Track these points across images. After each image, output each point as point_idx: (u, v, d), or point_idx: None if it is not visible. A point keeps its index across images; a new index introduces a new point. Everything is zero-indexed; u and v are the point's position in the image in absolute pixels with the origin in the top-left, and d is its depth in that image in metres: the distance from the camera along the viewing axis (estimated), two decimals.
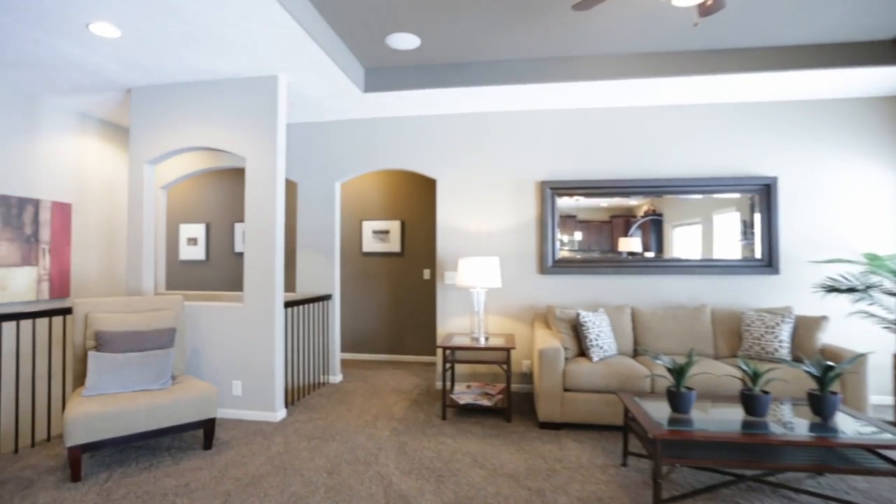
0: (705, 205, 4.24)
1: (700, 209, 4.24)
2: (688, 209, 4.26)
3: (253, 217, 3.62)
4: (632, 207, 4.33)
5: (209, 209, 6.29)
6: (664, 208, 4.29)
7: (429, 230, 5.78)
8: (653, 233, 4.31)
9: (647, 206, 4.32)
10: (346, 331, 5.94)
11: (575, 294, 4.36)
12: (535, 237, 4.44)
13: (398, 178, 5.87)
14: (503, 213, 4.48)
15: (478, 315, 3.94)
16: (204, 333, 3.68)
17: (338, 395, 4.27)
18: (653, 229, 4.31)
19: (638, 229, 4.32)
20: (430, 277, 5.76)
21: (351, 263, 5.95)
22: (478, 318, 3.93)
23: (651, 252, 4.29)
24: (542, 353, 3.40)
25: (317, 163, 4.79)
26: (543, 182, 4.38)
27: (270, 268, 3.58)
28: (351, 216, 5.97)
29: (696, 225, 4.25)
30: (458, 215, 4.54)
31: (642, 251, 4.29)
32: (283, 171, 3.67)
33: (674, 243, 4.27)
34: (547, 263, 4.37)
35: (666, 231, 4.28)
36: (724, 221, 4.22)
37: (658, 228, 4.30)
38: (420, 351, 5.77)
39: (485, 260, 3.85)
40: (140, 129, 3.84)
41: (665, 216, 4.29)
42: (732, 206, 4.21)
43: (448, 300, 4.52)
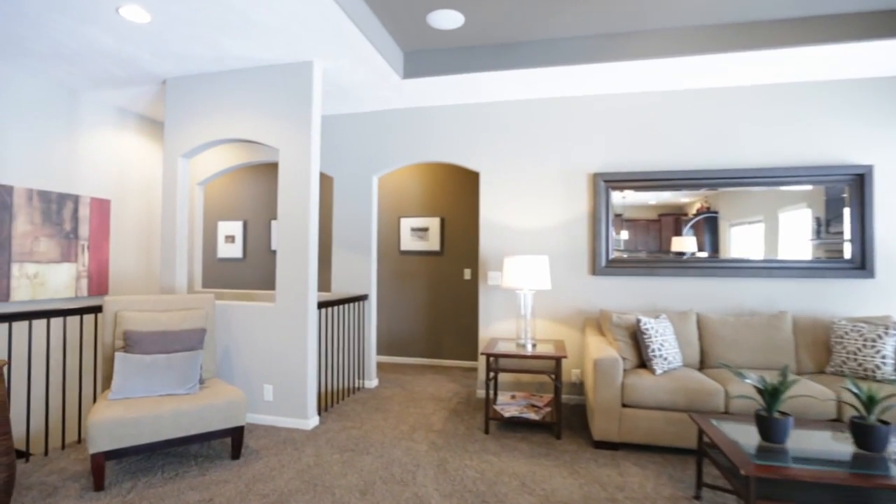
0: (769, 200, 3.75)
1: (763, 205, 3.76)
2: (748, 205, 3.78)
3: (286, 212, 3.43)
4: (682, 205, 3.90)
5: (246, 206, 6.22)
6: (720, 205, 3.83)
7: (470, 228, 5.49)
8: (707, 232, 3.86)
9: (701, 203, 3.88)
10: (382, 333, 5.73)
11: (630, 297, 3.96)
12: (586, 235, 4.06)
13: (438, 172, 5.60)
14: (551, 209, 4.13)
15: (524, 319, 3.61)
16: (236, 334, 3.52)
17: (373, 402, 4.03)
18: (707, 228, 3.86)
19: (690, 229, 3.88)
20: (471, 277, 5.47)
21: (388, 262, 5.73)
22: (524, 323, 3.60)
23: (704, 252, 3.83)
24: (597, 363, 3.04)
25: (353, 156, 4.59)
26: (596, 174, 4.00)
27: (303, 266, 3.37)
28: (388, 213, 5.75)
29: (758, 223, 3.77)
30: (503, 211, 4.22)
31: (697, 252, 3.84)
32: (317, 163, 3.47)
33: (731, 243, 3.81)
34: (599, 263, 3.98)
35: (722, 230, 3.83)
36: (793, 218, 3.71)
37: (713, 227, 3.85)
38: (460, 355, 5.48)
39: (533, 259, 3.52)
40: (174, 122, 3.72)
41: (721, 214, 3.83)
42: (802, 201, 3.70)
43: (491, 302, 4.21)
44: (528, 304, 3.61)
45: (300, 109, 3.41)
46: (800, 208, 3.74)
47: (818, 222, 3.78)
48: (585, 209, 4.07)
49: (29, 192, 3.72)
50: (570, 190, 4.10)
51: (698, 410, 2.93)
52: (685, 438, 2.93)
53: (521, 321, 3.65)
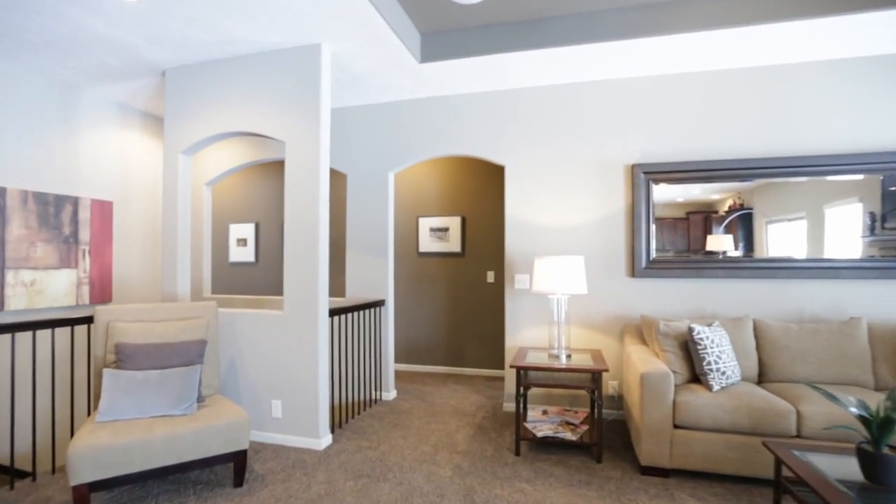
0: (813, 194, 3.33)
1: (805, 199, 3.35)
2: (789, 200, 3.38)
3: (293, 211, 3.13)
4: (713, 202, 3.51)
5: (258, 207, 5.97)
6: (755, 201, 3.44)
7: (493, 227, 5.13)
8: (741, 230, 3.46)
9: (734, 199, 3.47)
10: (400, 340, 5.41)
11: (674, 302, 3.56)
12: (623, 233, 3.67)
13: (458, 167, 5.26)
14: (585, 205, 3.75)
15: (557, 327, 3.24)
16: (242, 345, 3.23)
17: (391, 417, 3.71)
18: (740, 226, 3.46)
19: (723, 227, 3.47)
20: (494, 280, 5.11)
21: (406, 265, 5.41)
22: (558, 331, 3.23)
23: (737, 252, 3.42)
24: (645, 378, 2.66)
25: (367, 151, 4.27)
26: (635, 165, 3.61)
27: (313, 270, 3.06)
28: (405, 212, 5.43)
29: (799, 220, 3.36)
30: (531, 208, 3.85)
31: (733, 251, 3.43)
32: (326, 157, 3.16)
33: (769, 242, 3.41)
34: (639, 264, 3.59)
35: (758, 228, 3.43)
36: (843, 213, 3.29)
37: (747, 225, 3.45)
38: (482, 364, 5.13)
39: (567, 260, 3.15)
40: (174, 115, 3.46)
41: (758, 210, 3.43)
42: (853, 194, 3.28)
43: (519, 308, 3.85)
44: (563, 311, 3.24)
45: (308, 98, 3.10)
46: (850, 202, 3.31)
47: (872, 217, 3.35)
48: (622, 205, 3.68)
49: (24, 193, 3.49)
50: (606, 184, 3.72)
51: (765, 434, 2.53)
52: (751, 466, 2.53)
53: (554, 329, 3.28)
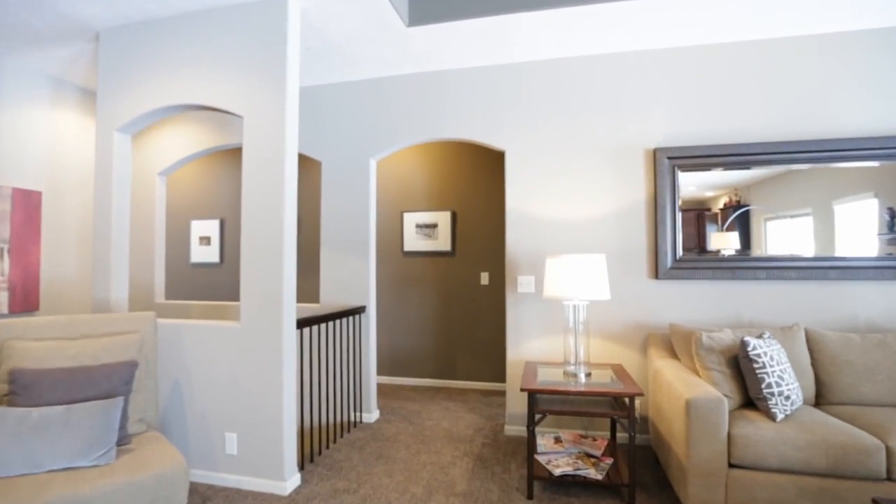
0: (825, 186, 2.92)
1: (814, 194, 2.95)
2: (793, 195, 2.97)
3: (253, 200, 2.53)
4: (705, 200, 3.06)
5: (224, 202, 5.31)
6: (752, 198, 3.03)
7: (488, 223, 4.59)
8: (738, 227, 3.04)
9: (730, 196, 3.04)
10: (382, 350, 4.82)
11: (705, 307, 3.06)
12: (645, 227, 3.17)
13: (447, 155, 4.71)
14: (598, 196, 3.24)
15: (574, 339, 2.71)
16: (189, 364, 2.62)
17: (373, 445, 3.13)
18: (738, 224, 3.04)
19: (718, 225, 3.01)
20: (489, 283, 4.56)
21: (389, 266, 4.83)
22: (574, 344, 2.70)
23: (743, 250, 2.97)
24: (693, 406, 2.14)
25: (345, 135, 3.69)
26: (658, 150, 3.11)
27: (276, 272, 2.47)
28: (388, 207, 4.85)
29: (804, 217, 2.95)
30: (536, 199, 3.32)
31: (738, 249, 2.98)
32: (294, 134, 2.57)
33: (767, 239, 3.00)
34: (664, 264, 3.09)
35: (756, 225, 3.01)
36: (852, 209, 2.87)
37: (744, 223, 3.04)
38: (477, 376, 4.57)
39: (586, 259, 2.62)
40: (109, 85, 2.83)
41: (755, 206, 3.02)
42: (867, 189, 2.87)
43: (523, 315, 3.31)
44: (581, 320, 2.71)
45: (271, 64, 2.52)
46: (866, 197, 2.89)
47: (892, 212, 2.94)
48: (643, 195, 3.18)
49: None
50: (623, 171, 3.21)
51: (846, 477, 2.03)
52: None
53: (569, 340, 2.75)
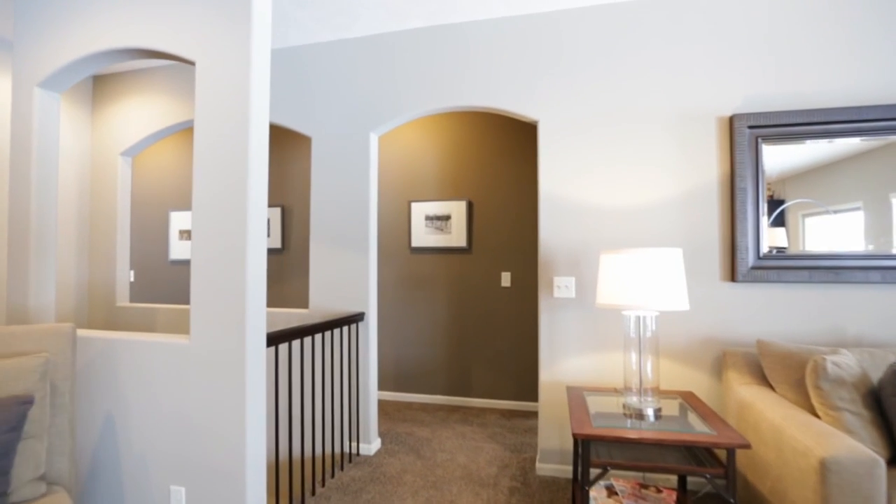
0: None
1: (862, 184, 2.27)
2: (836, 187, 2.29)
3: (206, 176, 1.88)
4: None
5: None
6: (787, 192, 2.35)
7: (510, 213, 3.92)
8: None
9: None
10: (386, 362, 4.16)
11: (795, 318, 2.38)
12: (717, 217, 2.49)
13: (463, 133, 4.04)
14: (656, 176, 2.56)
15: (639, 362, 2.03)
16: (126, 391, 1.97)
17: (371, 490, 2.47)
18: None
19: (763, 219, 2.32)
20: (511, 284, 3.89)
21: (394, 264, 4.17)
22: (639, 368, 2.03)
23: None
24: (832, 468, 1.46)
25: (340, 104, 3.04)
26: (736, 117, 2.43)
27: (237, 274, 1.82)
28: (394, 195, 4.20)
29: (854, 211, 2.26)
30: (576, 181, 2.65)
31: None
32: (264, 89, 1.92)
33: (805, 236, 2.31)
34: (744, 263, 2.40)
35: (793, 221, 2.32)
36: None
37: (778, 219, 2.36)
38: (497, 393, 3.91)
39: (657, 255, 1.94)
40: (28, 32, 2.19)
41: (790, 200, 2.35)
42: None
43: (560, 324, 2.64)
44: (648, 338, 2.03)
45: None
46: None
47: None
48: (714, 175, 2.50)
49: None
50: (689, 145, 2.53)
51: None
52: None
53: (630, 360, 2.07)
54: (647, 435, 1.71)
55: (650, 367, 2.03)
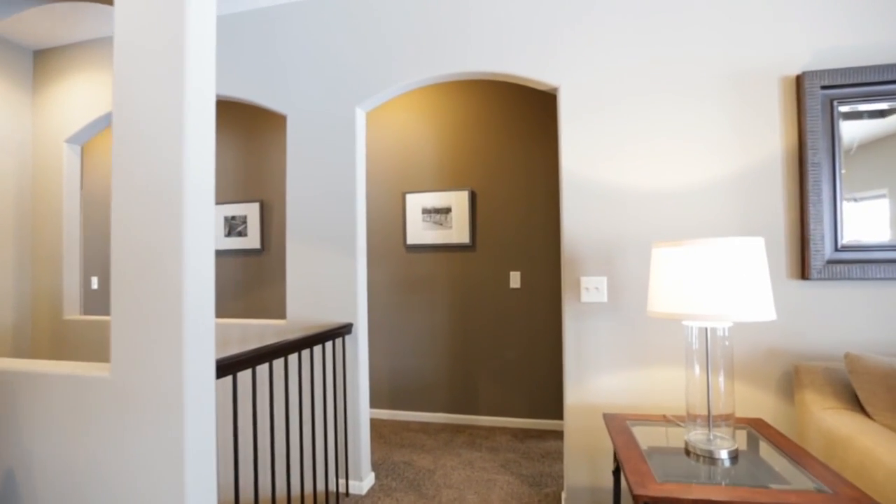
0: None
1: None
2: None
3: (127, 163, 1.39)
4: None
5: None
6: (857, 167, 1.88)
7: (520, 204, 3.44)
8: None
9: None
10: (380, 376, 3.69)
11: (881, 324, 1.92)
12: (781, 199, 2.02)
13: (464, 112, 3.56)
14: (704, 151, 2.09)
15: (708, 386, 1.56)
16: (32, 443, 1.48)
17: None
18: None
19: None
20: (520, 285, 3.42)
21: (386, 264, 3.69)
22: (708, 396, 1.56)
23: None
24: None
25: (319, 75, 2.56)
26: (805, 76, 1.96)
27: (169, 285, 1.33)
28: (386, 186, 3.71)
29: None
30: (606, 159, 2.18)
31: None
32: (205, 51, 1.42)
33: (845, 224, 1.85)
34: (818, 256, 1.94)
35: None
36: None
37: None
38: (507, 410, 3.44)
39: (731, 248, 1.46)
40: None
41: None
42: None
43: (589, 334, 2.17)
44: (714, 352, 1.56)
45: None
46: None
47: None
48: (777, 148, 2.03)
49: None
50: (744, 112, 2.06)
51: None
52: None
53: (692, 381, 1.60)
54: (743, 497, 1.23)
55: (719, 389, 1.56)
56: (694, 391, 1.60)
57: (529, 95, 3.43)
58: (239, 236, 4.00)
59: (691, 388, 1.61)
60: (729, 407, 1.57)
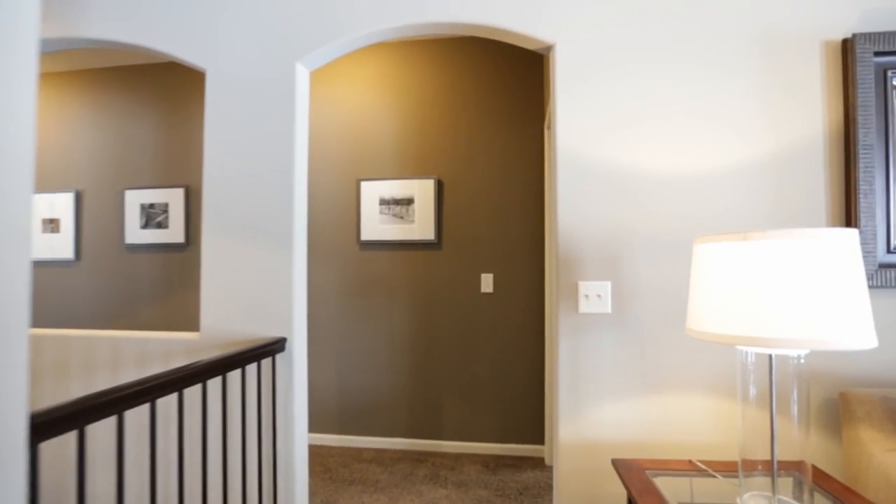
0: None
1: None
2: None
3: None
4: None
5: (83, 164, 3.48)
6: None
7: (494, 195, 2.99)
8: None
9: None
10: (327, 395, 3.13)
11: None
12: (823, 189, 1.66)
13: (430, 88, 3.07)
14: (727, 129, 1.70)
15: (771, 432, 1.14)
16: None
17: None
18: None
19: None
20: (492, 290, 2.97)
21: (335, 264, 3.15)
22: (771, 445, 1.13)
23: None
24: None
25: (251, 22, 2.00)
26: (856, 38, 1.61)
27: None
28: (337, 172, 3.17)
29: None
30: (611, 136, 1.75)
31: None
32: None
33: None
34: (870, 259, 1.59)
35: None
36: None
37: None
38: (476, 434, 2.97)
39: (814, 242, 1.05)
40: None
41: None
42: None
43: (589, 353, 1.72)
44: (774, 384, 1.14)
45: None
46: None
47: None
48: (818, 127, 1.67)
49: None
50: (778, 83, 1.69)
51: None
52: None
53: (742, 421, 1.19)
54: None
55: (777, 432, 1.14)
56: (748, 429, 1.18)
57: (509, 65, 2.98)
58: (158, 228, 3.34)
59: (750, 428, 1.19)
60: (792, 453, 1.15)
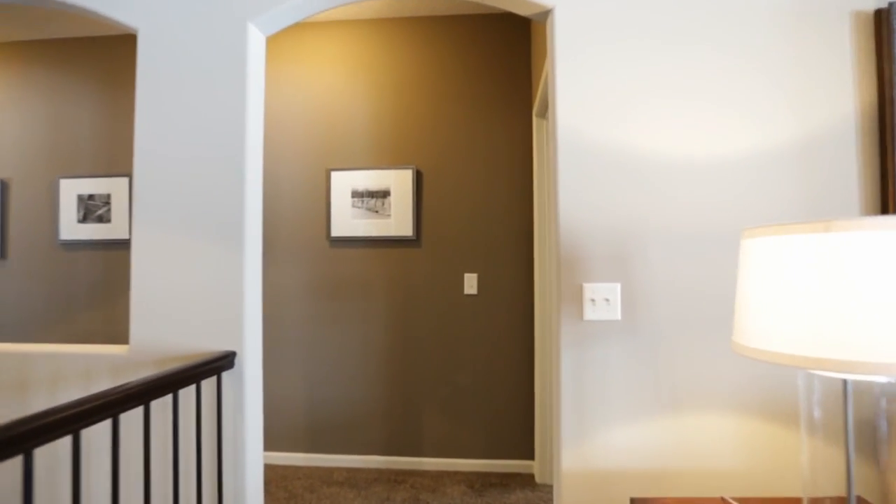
0: None
1: None
2: None
3: None
4: None
5: (6, 150, 3.06)
6: None
7: (478, 187, 2.73)
8: None
9: None
10: (292, 409, 2.82)
11: None
12: (856, 176, 1.46)
13: (408, 69, 2.79)
14: (750, 110, 1.48)
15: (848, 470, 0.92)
16: None
17: None
18: None
19: None
20: (477, 291, 2.71)
21: (303, 262, 2.84)
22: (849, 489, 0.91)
23: None
24: None
25: None
26: (889, 8, 1.41)
27: None
28: (304, 161, 2.86)
29: None
30: (620, 116, 1.51)
31: None
32: None
33: None
34: None
35: None
36: None
37: None
38: (458, 450, 2.71)
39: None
40: None
41: None
42: None
43: (596, 367, 1.48)
44: (848, 414, 0.92)
45: None
46: None
47: None
48: (851, 108, 1.47)
49: None
50: (804, 58, 1.48)
51: None
52: None
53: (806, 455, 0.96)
54: None
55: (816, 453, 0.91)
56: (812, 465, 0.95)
57: (494, 47, 2.73)
58: (99, 222, 2.96)
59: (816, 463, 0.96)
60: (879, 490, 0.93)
